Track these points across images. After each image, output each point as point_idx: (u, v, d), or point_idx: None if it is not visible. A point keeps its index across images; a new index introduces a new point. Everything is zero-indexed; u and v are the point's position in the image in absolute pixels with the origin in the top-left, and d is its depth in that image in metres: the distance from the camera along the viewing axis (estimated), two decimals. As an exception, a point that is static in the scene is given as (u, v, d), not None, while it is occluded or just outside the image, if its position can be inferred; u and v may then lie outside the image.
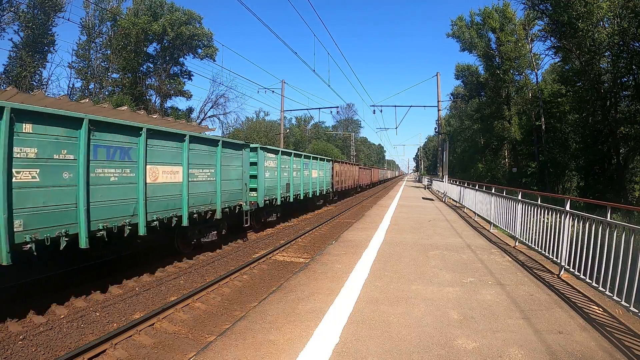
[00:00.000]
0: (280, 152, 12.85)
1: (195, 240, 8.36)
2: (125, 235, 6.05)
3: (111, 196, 5.77)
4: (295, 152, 14.87)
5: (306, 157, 15.51)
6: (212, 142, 8.59)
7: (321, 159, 18.18)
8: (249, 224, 10.06)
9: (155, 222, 6.58)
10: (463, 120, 51.35)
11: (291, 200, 13.78)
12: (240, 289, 6.63)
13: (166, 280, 6.76)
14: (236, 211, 9.52)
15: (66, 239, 5.00)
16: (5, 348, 4.14)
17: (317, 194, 17.07)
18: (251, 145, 10.96)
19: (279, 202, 12.41)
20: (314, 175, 16.56)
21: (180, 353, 4.33)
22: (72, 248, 5.12)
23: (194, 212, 7.72)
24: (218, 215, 8.59)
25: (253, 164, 10.98)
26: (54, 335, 4.53)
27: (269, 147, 12.48)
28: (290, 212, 15.04)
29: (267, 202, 11.72)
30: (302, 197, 14.87)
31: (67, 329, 4.70)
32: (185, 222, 7.40)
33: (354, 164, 31.02)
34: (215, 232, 8.96)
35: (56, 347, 4.30)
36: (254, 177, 10.98)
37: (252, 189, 10.76)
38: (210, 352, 2.99)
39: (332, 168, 20.55)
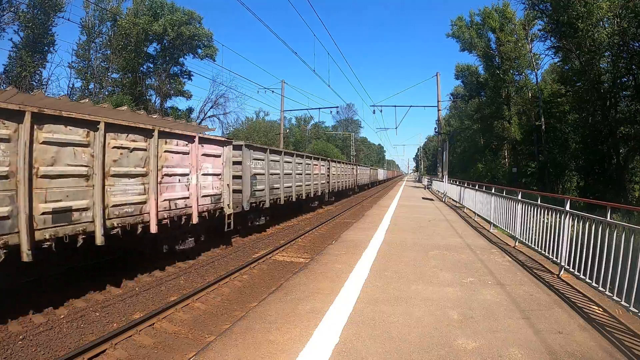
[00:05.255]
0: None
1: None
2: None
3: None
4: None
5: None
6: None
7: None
8: None
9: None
10: (463, 120, 51.41)
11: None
12: (240, 289, 6.63)
13: (166, 280, 6.75)
14: None
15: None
16: (5, 348, 4.14)
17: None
18: None
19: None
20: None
21: (180, 353, 4.32)
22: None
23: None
24: None
25: None
26: (54, 335, 4.52)
27: None
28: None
29: None
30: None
31: (67, 329, 4.70)
32: None
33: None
34: None
35: (56, 347, 4.30)
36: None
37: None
38: (210, 352, 2.99)
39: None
